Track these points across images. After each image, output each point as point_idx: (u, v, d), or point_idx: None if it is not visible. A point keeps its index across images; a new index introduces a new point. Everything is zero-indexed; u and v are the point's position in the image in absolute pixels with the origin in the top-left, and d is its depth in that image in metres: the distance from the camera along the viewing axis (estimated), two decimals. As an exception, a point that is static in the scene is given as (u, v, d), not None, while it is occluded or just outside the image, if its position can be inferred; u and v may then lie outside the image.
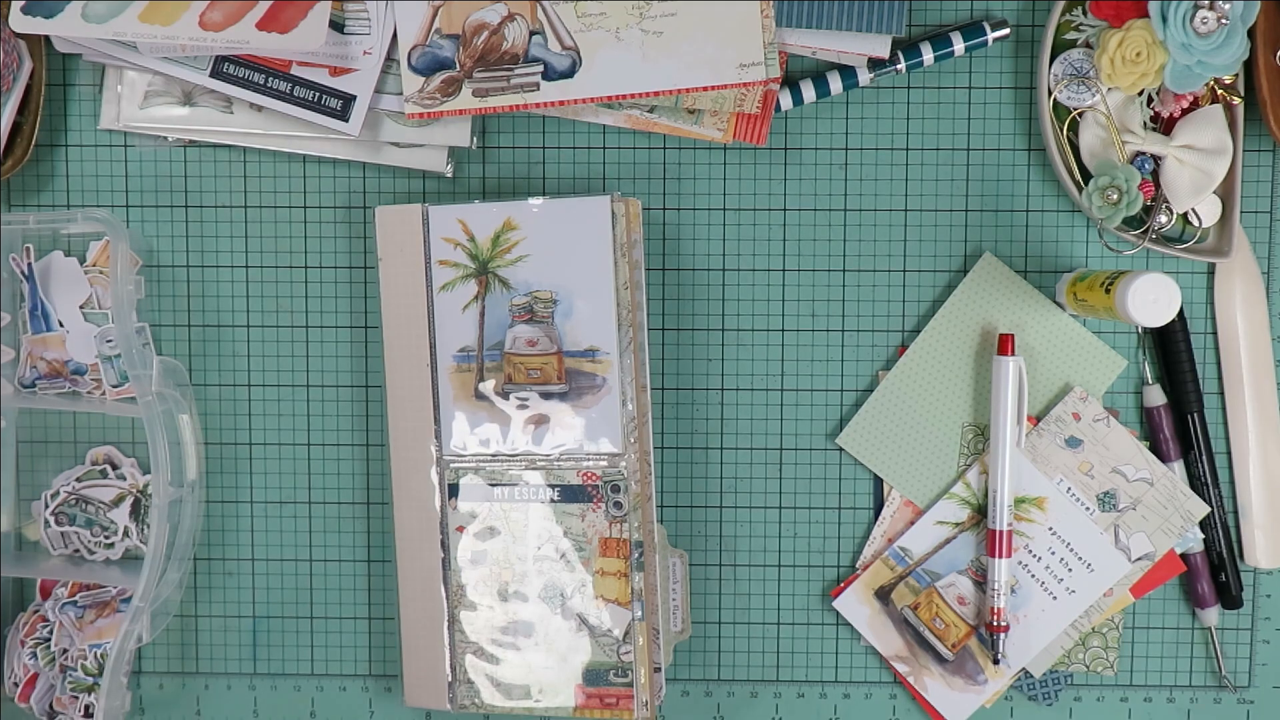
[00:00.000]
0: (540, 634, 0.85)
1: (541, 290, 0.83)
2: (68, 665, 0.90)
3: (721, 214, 0.88)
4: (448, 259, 0.84)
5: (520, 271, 0.83)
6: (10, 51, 0.83)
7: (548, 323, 0.83)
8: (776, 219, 0.88)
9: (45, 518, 0.90)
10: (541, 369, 0.83)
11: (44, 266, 0.89)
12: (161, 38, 0.79)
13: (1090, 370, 0.87)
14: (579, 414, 0.83)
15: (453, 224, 0.84)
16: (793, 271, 0.88)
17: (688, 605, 0.89)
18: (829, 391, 0.89)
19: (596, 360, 0.83)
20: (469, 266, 0.84)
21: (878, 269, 0.88)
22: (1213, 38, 0.79)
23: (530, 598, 0.85)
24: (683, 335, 0.89)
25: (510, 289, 0.83)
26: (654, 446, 0.89)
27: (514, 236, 0.83)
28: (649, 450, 0.87)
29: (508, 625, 0.85)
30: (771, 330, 0.89)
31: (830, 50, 0.83)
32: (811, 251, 0.88)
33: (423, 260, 0.85)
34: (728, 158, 0.88)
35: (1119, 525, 0.87)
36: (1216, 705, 0.91)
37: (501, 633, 0.85)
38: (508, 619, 0.85)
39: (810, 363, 0.89)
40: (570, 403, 0.83)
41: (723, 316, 0.89)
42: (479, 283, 0.84)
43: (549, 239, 0.83)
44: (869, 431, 0.88)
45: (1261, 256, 0.87)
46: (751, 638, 0.91)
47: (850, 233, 0.88)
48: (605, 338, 0.83)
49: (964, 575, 0.88)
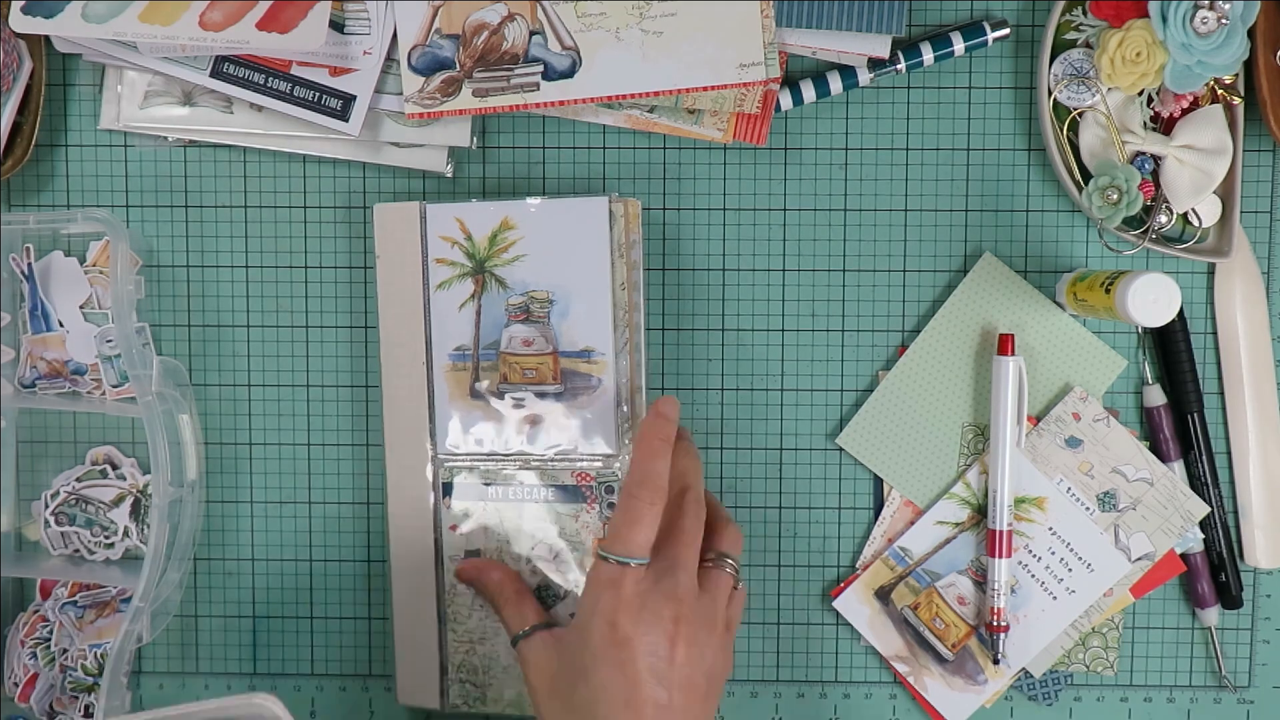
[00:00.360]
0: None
1: (538, 290, 0.83)
2: (68, 665, 0.90)
3: (722, 214, 0.88)
4: (445, 257, 0.84)
5: (517, 271, 0.83)
6: (10, 51, 0.83)
7: (544, 323, 0.83)
8: (776, 219, 0.88)
9: (45, 518, 0.90)
10: (537, 369, 0.83)
11: (44, 266, 0.89)
12: (161, 38, 0.79)
13: (1090, 370, 0.87)
14: (574, 414, 0.83)
15: (450, 222, 0.84)
16: (793, 271, 0.88)
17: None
18: (829, 391, 0.89)
19: (592, 361, 0.83)
20: (466, 265, 0.84)
21: (878, 269, 0.88)
22: (1213, 38, 0.79)
23: None
24: (682, 335, 0.89)
25: (507, 288, 0.83)
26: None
27: (511, 236, 0.83)
28: None
29: (499, 625, 0.85)
30: (771, 330, 0.89)
31: (830, 50, 0.83)
32: (811, 251, 0.88)
33: (420, 258, 0.84)
34: (728, 158, 0.88)
35: (1119, 525, 0.87)
36: (1216, 705, 0.91)
37: (494, 634, 0.85)
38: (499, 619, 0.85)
39: (810, 363, 0.89)
40: (565, 403, 0.83)
41: (723, 316, 0.89)
42: (476, 281, 0.84)
43: (546, 239, 0.83)
44: (869, 431, 0.88)
45: (1261, 256, 0.87)
46: (751, 638, 0.91)
47: (850, 233, 0.88)
48: (601, 338, 0.83)
49: (964, 575, 0.88)
